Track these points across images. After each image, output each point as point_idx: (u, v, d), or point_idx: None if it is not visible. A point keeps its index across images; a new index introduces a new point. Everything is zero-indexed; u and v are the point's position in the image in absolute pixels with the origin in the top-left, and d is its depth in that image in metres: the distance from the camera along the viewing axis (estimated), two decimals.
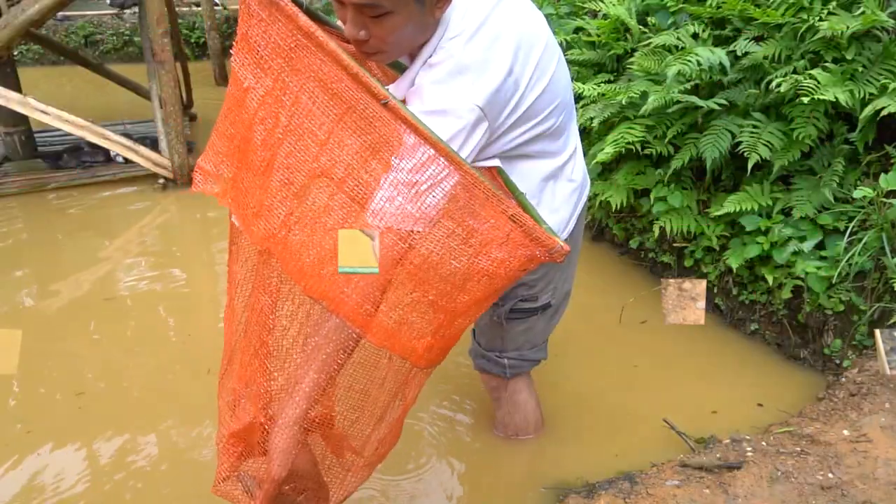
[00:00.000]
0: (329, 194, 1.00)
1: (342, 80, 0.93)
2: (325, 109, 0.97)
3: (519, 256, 1.02)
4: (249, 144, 1.01)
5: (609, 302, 2.74)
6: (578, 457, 1.93)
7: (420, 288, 1.06)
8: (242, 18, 0.95)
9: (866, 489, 1.57)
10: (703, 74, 2.44)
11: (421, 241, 1.01)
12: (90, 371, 2.39)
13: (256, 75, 0.97)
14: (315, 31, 0.90)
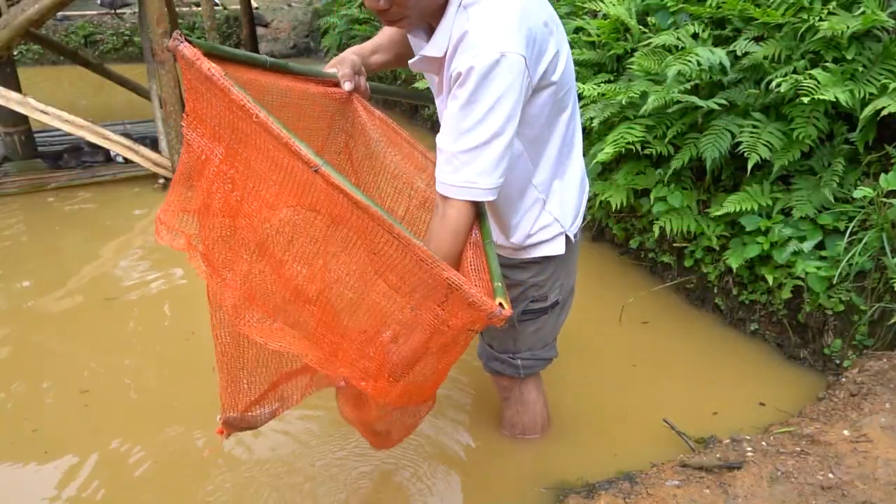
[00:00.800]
0: (283, 249, 1.10)
1: (278, 148, 0.97)
2: (271, 173, 1.02)
3: (460, 317, 1.05)
4: (210, 209, 1.06)
5: (609, 302, 2.74)
6: (578, 457, 1.93)
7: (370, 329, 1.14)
8: (188, 93, 0.99)
9: (866, 489, 1.57)
10: (703, 74, 2.43)
11: (366, 292, 1.09)
12: (93, 370, 2.39)
13: (210, 145, 1.01)
14: (246, 103, 0.93)
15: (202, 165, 1.03)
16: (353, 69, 1.39)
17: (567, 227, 1.54)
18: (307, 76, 1.30)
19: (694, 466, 1.72)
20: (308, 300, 1.12)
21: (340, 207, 0.99)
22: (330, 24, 6.61)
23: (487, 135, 1.18)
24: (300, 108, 1.29)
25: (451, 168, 1.21)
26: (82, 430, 2.09)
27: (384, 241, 1.01)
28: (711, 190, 2.66)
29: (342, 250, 1.07)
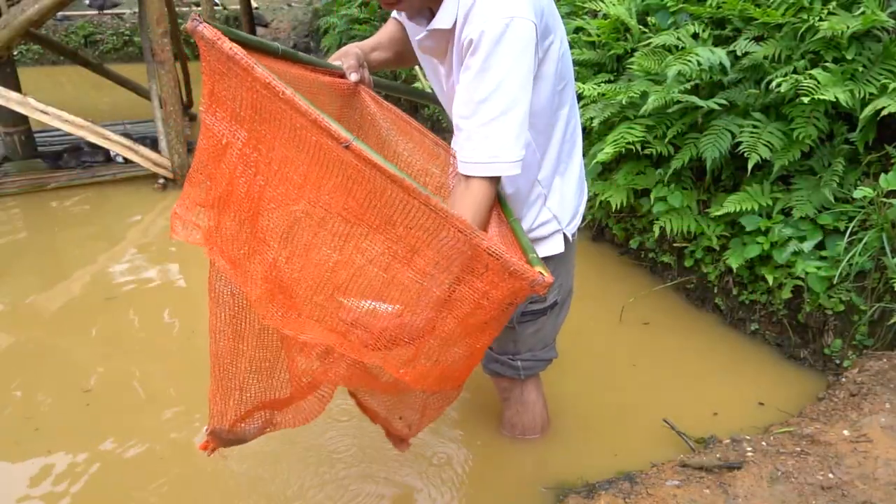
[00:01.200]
0: (312, 233, 1.05)
1: (305, 126, 0.94)
2: (297, 154, 0.99)
3: (501, 288, 1.03)
4: (233, 196, 1.03)
5: (609, 302, 2.74)
6: (578, 457, 1.93)
7: (406, 313, 1.10)
8: (205, 75, 0.96)
9: (866, 489, 1.57)
10: (703, 74, 2.44)
11: (400, 270, 1.05)
12: (95, 369, 2.39)
13: (231, 129, 0.99)
14: (271, 81, 0.91)
15: (223, 150, 1.00)
16: (357, 61, 1.39)
17: (564, 225, 1.54)
18: (315, 66, 1.29)
19: (694, 466, 1.72)
20: (337, 287, 1.08)
21: (373, 183, 0.97)
22: (330, 24, 6.61)
23: (505, 103, 1.16)
24: (313, 97, 1.26)
25: (472, 145, 1.19)
26: (84, 428, 2.09)
27: (420, 214, 0.98)
28: (711, 190, 2.66)
29: (375, 229, 1.03)
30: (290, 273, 1.06)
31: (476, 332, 1.14)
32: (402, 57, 1.56)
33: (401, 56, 1.55)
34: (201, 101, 0.98)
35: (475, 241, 0.97)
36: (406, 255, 1.04)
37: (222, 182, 1.02)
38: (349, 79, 1.37)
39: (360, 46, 1.45)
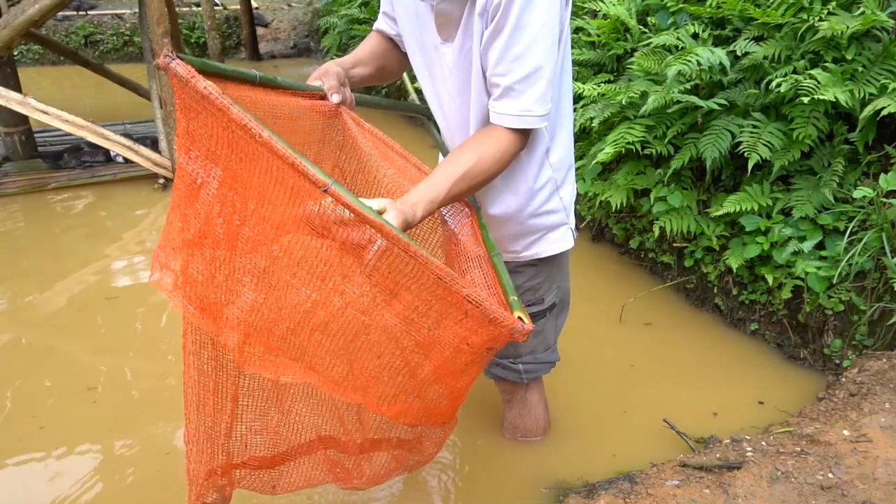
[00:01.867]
0: (290, 273, 1.04)
1: (283, 168, 0.92)
2: (275, 194, 0.97)
3: (481, 334, 1.02)
4: (207, 237, 1.01)
5: (609, 302, 2.74)
6: (578, 457, 1.93)
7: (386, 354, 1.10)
8: (180, 112, 0.93)
9: (866, 489, 1.57)
10: (703, 74, 2.44)
11: (380, 314, 1.05)
12: (97, 368, 2.40)
13: (206, 167, 0.96)
14: (247, 122, 0.87)
15: (197, 190, 0.98)
16: (338, 80, 1.36)
17: (568, 219, 1.56)
18: (295, 90, 1.27)
19: (694, 466, 1.72)
20: (315, 328, 1.08)
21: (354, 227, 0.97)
22: (330, 24, 6.61)
23: (539, 59, 1.20)
24: (293, 123, 1.26)
25: (508, 98, 1.23)
26: (90, 426, 2.10)
27: (399, 259, 0.97)
28: (711, 190, 2.66)
29: (354, 271, 1.03)
30: (267, 314, 1.06)
31: (457, 374, 1.14)
32: (384, 71, 1.54)
33: (383, 70, 1.53)
34: (175, 139, 0.95)
35: (455, 288, 0.97)
36: (385, 299, 1.04)
37: (196, 223, 1.00)
38: (330, 100, 1.34)
39: (340, 64, 1.42)
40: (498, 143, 1.25)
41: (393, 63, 1.55)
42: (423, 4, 1.31)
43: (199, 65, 0.94)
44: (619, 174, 2.84)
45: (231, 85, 1.07)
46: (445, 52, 1.33)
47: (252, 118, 0.88)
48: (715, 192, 2.63)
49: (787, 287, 2.30)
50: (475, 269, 1.23)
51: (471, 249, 1.29)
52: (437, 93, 1.45)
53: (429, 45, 1.37)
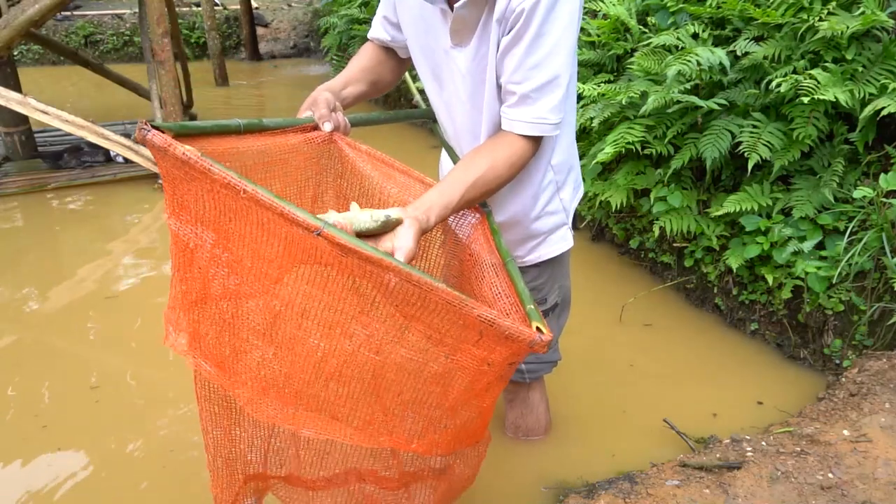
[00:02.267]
0: (296, 325, 1.02)
1: (273, 219, 0.91)
2: (269, 248, 0.96)
3: (500, 352, 0.99)
4: (209, 298, 1.01)
5: (609, 302, 2.74)
6: (578, 457, 1.93)
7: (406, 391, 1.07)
8: (165, 182, 0.93)
9: (866, 489, 1.57)
10: (703, 74, 2.44)
11: (394, 350, 1.02)
12: (99, 367, 2.41)
13: (197, 232, 0.96)
14: (230, 180, 0.86)
15: (192, 254, 0.97)
16: (328, 107, 1.32)
17: (568, 220, 1.56)
18: (283, 127, 1.24)
19: (694, 466, 1.72)
20: (330, 377, 1.06)
21: (350, 267, 0.94)
22: (330, 24, 6.61)
23: (557, 68, 1.20)
24: (285, 163, 1.23)
25: (523, 106, 1.23)
26: (93, 425, 2.11)
27: (404, 290, 0.94)
28: (711, 190, 2.66)
29: (361, 311, 1.00)
30: (279, 368, 1.04)
31: (483, 394, 1.11)
32: (378, 85, 1.51)
33: (376, 85, 1.51)
34: (164, 206, 0.95)
35: (465, 311, 0.94)
36: (396, 335, 1.01)
37: (197, 286, 1.00)
38: (323, 129, 1.30)
39: (329, 88, 1.38)
40: (511, 150, 1.25)
41: (386, 75, 1.52)
42: (431, 8, 1.29)
43: (178, 129, 0.93)
44: (619, 174, 2.84)
45: (215, 140, 1.05)
46: (457, 56, 1.32)
47: (234, 175, 0.86)
48: (715, 192, 2.63)
49: (787, 287, 2.30)
50: (492, 277, 1.20)
51: (484, 257, 1.26)
52: (444, 97, 1.42)
53: (437, 50, 1.35)
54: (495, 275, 1.19)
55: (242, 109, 6.59)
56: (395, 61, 1.54)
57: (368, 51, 1.52)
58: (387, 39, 1.49)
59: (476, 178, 1.20)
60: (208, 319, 1.02)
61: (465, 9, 1.22)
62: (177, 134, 0.92)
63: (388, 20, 1.46)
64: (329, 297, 0.99)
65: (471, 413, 1.14)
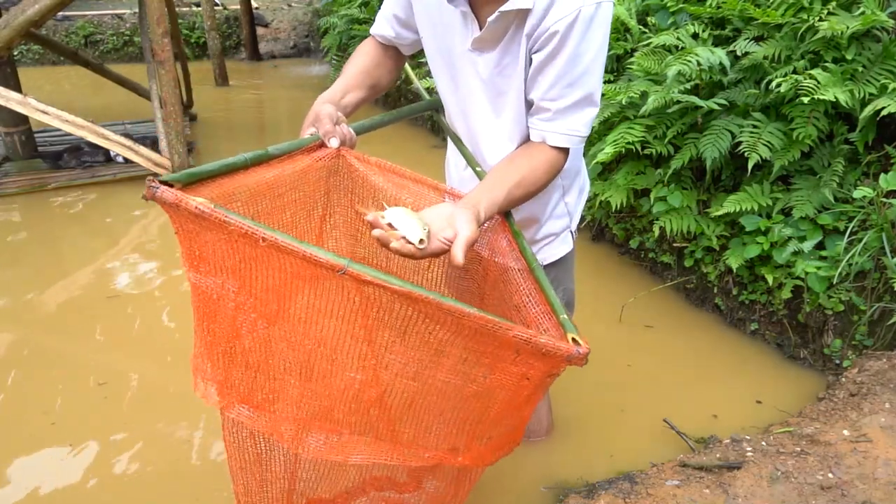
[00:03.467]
0: (329, 361, 1.02)
1: (296, 263, 0.89)
2: (295, 291, 0.95)
3: (538, 367, 0.98)
4: (238, 346, 1.00)
5: (609, 302, 2.74)
6: (578, 457, 1.93)
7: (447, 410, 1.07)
8: (180, 235, 0.91)
9: (866, 489, 1.57)
10: (703, 74, 2.44)
11: (431, 375, 1.01)
12: (102, 366, 2.41)
13: (219, 282, 0.95)
14: (248, 229, 0.85)
15: (216, 304, 0.97)
16: (332, 122, 1.30)
17: (573, 224, 1.56)
18: (290, 152, 1.22)
19: (694, 466, 1.72)
20: (371, 404, 1.05)
21: (379, 301, 0.93)
22: (330, 24, 6.61)
23: (590, 86, 1.21)
24: (295, 189, 1.23)
25: (558, 119, 1.24)
26: (103, 421, 2.12)
27: (435, 318, 0.93)
28: (711, 190, 2.66)
29: (393, 342, 0.99)
30: (318, 403, 1.05)
31: (522, 406, 1.10)
32: (377, 88, 1.49)
33: (375, 87, 1.49)
34: (182, 260, 0.93)
35: (500, 333, 0.92)
36: (432, 360, 1.00)
37: (223, 335, 1.00)
38: (330, 146, 1.28)
39: (329, 100, 1.35)
40: (546, 157, 1.26)
41: (385, 75, 1.50)
42: (451, 9, 1.27)
43: (186, 178, 0.92)
44: (619, 174, 2.84)
45: (224, 179, 1.04)
46: (477, 61, 1.30)
47: (250, 222, 0.85)
48: (715, 192, 2.63)
49: (787, 287, 2.30)
50: (518, 281, 1.18)
51: (509, 262, 1.24)
52: (459, 97, 1.41)
53: (454, 51, 1.33)
54: (522, 280, 1.17)
55: (242, 109, 6.59)
56: (392, 61, 1.52)
57: (367, 51, 1.49)
58: (391, 36, 1.46)
59: (521, 179, 1.21)
60: (239, 366, 1.02)
61: (496, 22, 1.21)
62: (185, 184, 0.91)
63: (397, 17, 1.44)
64: (360, 330, 0.98)
65: (512, 422, 1.14)
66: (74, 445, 2.01)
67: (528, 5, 1.17)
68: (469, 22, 1.26)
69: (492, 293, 1.29)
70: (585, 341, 0.96)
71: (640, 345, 2.51)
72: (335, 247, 1.43)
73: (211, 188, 0.98)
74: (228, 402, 1.01)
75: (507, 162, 1.26)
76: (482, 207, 1.13)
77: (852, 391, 1.96)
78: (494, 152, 1.37)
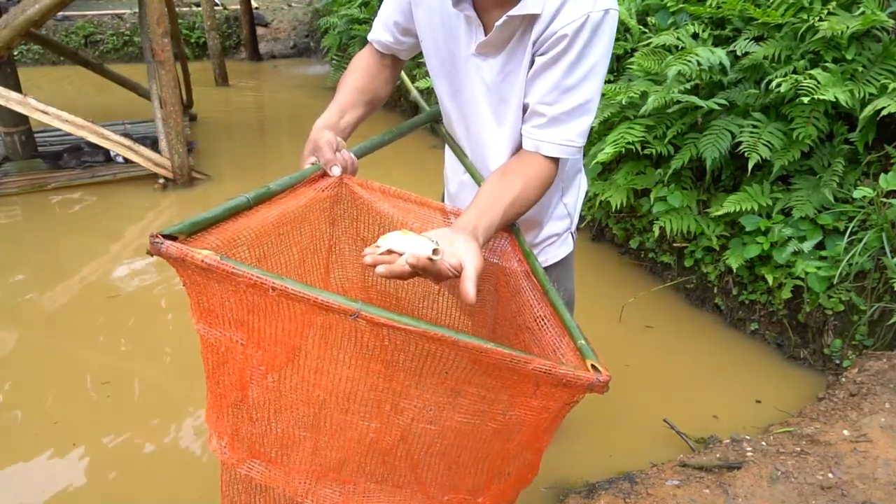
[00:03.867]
0: (342, 410, 0.99)
1: (307, 310, 0.87)
2: (305, 340, 0.93)
3: (559, 398, 0.95)
4: (247, 398, 0.99)
5: (609, 302, 2.74)
6: (579, 457, 1.93)
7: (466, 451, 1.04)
8: (188, 288, 0.90)
9: (866, 489, 1.57)
10: (703, 74, 2.44)
11: (448, 417, 0.99)
12: (104, 365, 2.42)
13: (227, 334, 0.93)
14: (257, 279, 0.83)
15: (225, 357, 0.95)
16: (332, 149, 1.26)
17: (574, 225, 1.56)
18: (292, 185, 1.19)
19: (694, 466, 1.72)
20: (387, 451, 1.03)
21: (393, 342, 0.90)
22: (330, 24, 6.61)
23: (588, 94, 1.19)
24: (300, 224, 1.20)
25: (552, 128, 1.21)
26: (106, 420, 2.13)
27: (451, 356, 0.90)
28: (711, 190, 2.66)
29: (409, 384, 0.96)
30: (333, 455, 1.03)
31: (542, 436, 1.07)
32: (374, 103, 1.46)
33: (372, 103, 1.45)
34: (191, 312, 0.92)
35: (517, 368, 0.89)
36: (449, 402, 0.97)
37: (233, 387, 0.98)
38: (332, 174, 1.25)
39: (326, 125, 1.32)
40: (539, 170, 1.23)
41: (382, 87, 1.47)
42: (454, 13, 1.25)
43: (189, 228, 0.90)
44: (619, 174, 2.84)
45: (227, 223, 1.02)
46: (481, 66, 1.28)
47: (259, 272, 0.84)
48: (715, 192, 2.63)
49: (787, 287, 2.30)
50: (533, 304, 1.14)
51: (522, 283, 1.20)
52: (460, 103, 1.39)
53: (456, 55, 1.32)
54: (536, 302, 1.14)
55: (242, 109, 6.59)
56: (389, 70, 1.49)
57: (362, 65, 1.46)
58: (390, 42, 1.44)
59: (514, 197, 1.18)
60: (249, 419, 1.00)
61: (503, 26, 1.20)
62: (189, 234, 0.90)
63: (396, 23, 1.41)
64: (372, 377, 0.96)
65: (531, 455, 1.11)
66: (78, 444, 2.02)
67: (536, 10, 1.16)
68: (474, 26, 1.24)
69: (504, 316, 1.26)
70: (605, 368, 0.93)
71: (639, 345, 2.51)
72: (343, 277, 1.40)
73: (215, 234, 0.96)
74: (240, 456, 0.99)
75: (499, 177, 1.22)
76: (480, 233, 1.09)
77: (852, 391, 1.96)
78: (497, 160, 1.35)
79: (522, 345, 1.10)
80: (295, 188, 1.19)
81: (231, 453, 0.98)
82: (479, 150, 1.43)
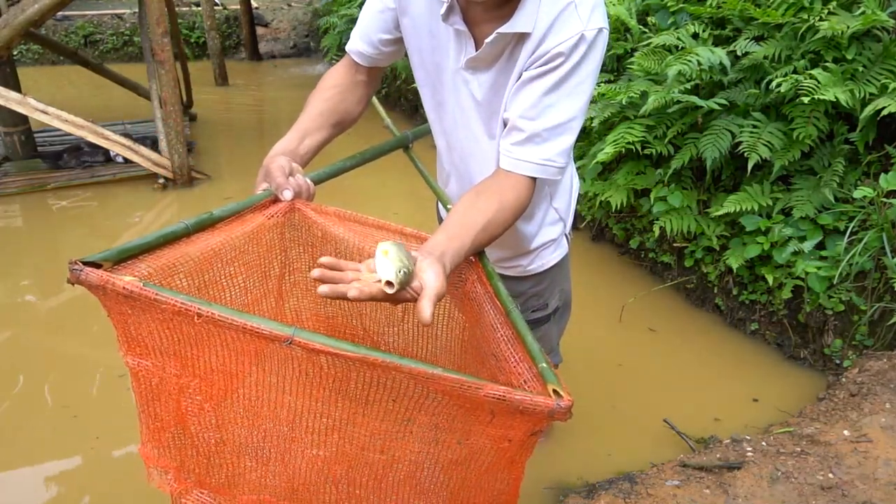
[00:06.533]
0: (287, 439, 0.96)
1: (238, 337, 0.84)
2: (241, 367, 0.90)
3: (518, 427, 0.91)
4: (187, 430, 0.95)
5: (609, 302, 2.74)
6: (579, 457, 1.93)
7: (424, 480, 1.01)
8: (113, 319, 0.86)
9: (866, 489, 1.57)
10: (704, 74, 2.44)
11: (400, 446, 0.95)
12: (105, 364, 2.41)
13: (158, 364, 0.89)
14: (182, 305, 0.79)
15: (158, 388, 0.91)
16: (283, 174, 1.20)
17: (567, 227, 1.55)
18: (240, 211, 1.13)
19: (694, 466, 1.72)
20: (338, 480, 1.00)
21: (334, 369, 0.86)
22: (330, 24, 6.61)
23: (572, 112, 1.15)
24: (246, 252, 1.14)
25: (530, 145, 1.16)
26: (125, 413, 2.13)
27: (399, 382, 0.86)
28: (711, 190, 2.66)
29: (356, 413, 0.92)
30: (282, 483, 0.99)
31: (508, 467, 1.01)
32: (342, 125, 1.39)
33: (340, 125, 1.38)
34: (119, 345, 0.88)
35: (469, 394, 0.84)
36: (400, 430, 0.93)
37: (170, 419, 0.94)
38: (283, 199, 1.18)
39: (283, 150, 1.26)
40: (517, 192, 1.17)
41: (353, 107, 1.40)
42: (443, 25, 1.23)
43: (116, 256, 0.87)
44: (619, 174, 2.84)
45: (163, 251, 0.98)
46: (470, 80, 1.26)
47: (185, 297, 0.79)
48: (715, 192, 2.63)
49: (788, 287, 2.30)
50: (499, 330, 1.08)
51: (486, 305, 1.14)
52: (445, 114, 1.36)
53: (444, 69, 1.29)
54: (499, 326, 1.08)
55: (242, 109, 6.59)
56: (363, 89, 1.43)
57: (332, 84, 1.39)
58: (370, 52, 1.37)
59: (487, 222, 1.12)
60: (192, 449, 0.96)
61: (493, 43, 1.18)
62: (116, 261, 0.86)
63: (378, 33, 1.35)
64: (317, 403, 0.92)
65: (500, 486, 1.04)
66: (102, 437, 2.02)
67: (527, 29, 1.14)
68: (464, 40, 1.22)
69: (470, 342, 1.22)
70: (567, 391, 0.88)
71: (639, 345, 2.51)
72: (297, 307, 1.33)
73: (147, 262, 0.92)
74: (186, 487, 0.95)
75: (473, 198, 1.16)
76: (447, 260, 1.03)
77: (852, 391, 1.96)
78: (483, 174, 1.29)
79: (489, 373, 1.03)
80: (242, 214, 1.13)
81: (178, 484, 0.95)
82: (463, 164, 1.40)
